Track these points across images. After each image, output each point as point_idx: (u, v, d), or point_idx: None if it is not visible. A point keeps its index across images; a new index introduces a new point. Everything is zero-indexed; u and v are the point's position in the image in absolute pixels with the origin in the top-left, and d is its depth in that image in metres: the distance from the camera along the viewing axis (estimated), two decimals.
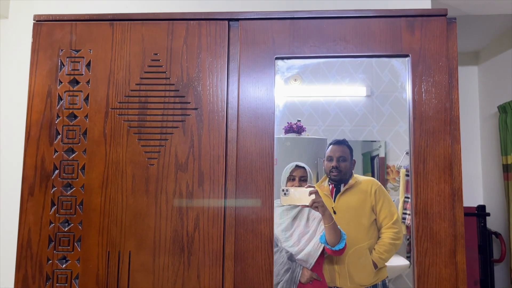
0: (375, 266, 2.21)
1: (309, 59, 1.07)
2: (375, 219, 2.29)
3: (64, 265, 1.02)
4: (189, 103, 1.05)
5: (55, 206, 1.04)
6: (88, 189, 1.04)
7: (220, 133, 1.04)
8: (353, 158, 2.58)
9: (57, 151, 1.05)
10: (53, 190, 1.04)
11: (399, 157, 3.97)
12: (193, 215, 1.01)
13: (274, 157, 1.03)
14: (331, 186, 2.50)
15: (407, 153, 3.88)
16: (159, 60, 1.07)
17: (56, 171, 1.05)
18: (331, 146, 2.56)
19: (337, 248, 2.11)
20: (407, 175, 3.71)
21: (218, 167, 1.03)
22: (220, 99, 1.05)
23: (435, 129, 1.00)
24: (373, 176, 2.77)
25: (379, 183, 2.44)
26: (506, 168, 3.49)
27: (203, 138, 1.04)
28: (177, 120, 1.04)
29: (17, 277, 1.02)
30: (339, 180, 2.43)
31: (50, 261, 1.02)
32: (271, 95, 1.05)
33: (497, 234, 3.52)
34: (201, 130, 1.04)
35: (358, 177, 2.50)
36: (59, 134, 1.06)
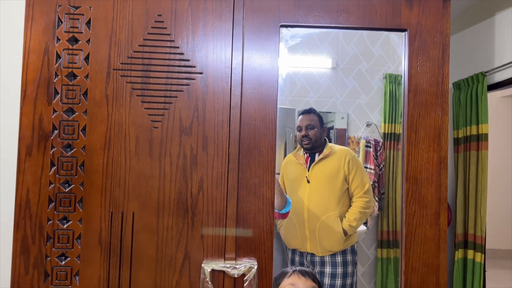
0: (345, 233, 2.34)
1: (313, 28, 1.10)
2: (347, 188, 2.42)
3: (65, 225, 1.02)
4: (194, 67, 1.05)
5: (55, 167, 1.02)
6: (89, 150, 1.03)
7: (224, 99, 1.05)
8: (324, 126, 2.66)
9: (56, 111, 1.03)
10: (52, 150, 1.02)
11: (359, 128, 4.16)
12: (197, 177, 1.04)
13: (277, 124, 1.06)
14: (306, 155, 2.58)
15: (367, 125, 4.05)
16: (163, 21, 1.05)
17: (56, 132, 1.02)
18: (300, 116, 2.62)
19: (283, 211, 2.21)
20: (367, 146, 3.89)
21: (222, 132, 1.05)
22: (224, 65, 1.06)
23: (428, 101, 1.07)
24: None
25: (353, 153, 2.54)
26: (456, 141, 3.73)
27: (208, 103, 1.05)
28: (182, 84, 1.05)
29: (16, 237, 1.01)
30: (311, 148, 2.51)
31: (50, 221, 1.01)
32: (275, 63, 1.07)
33: None
34: (206, 95, 1.05)
35: (334, 146, 2.58)
36: (58, 93, 1.03)
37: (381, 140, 3.51)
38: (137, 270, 1.01)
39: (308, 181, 2.44)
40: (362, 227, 3.18)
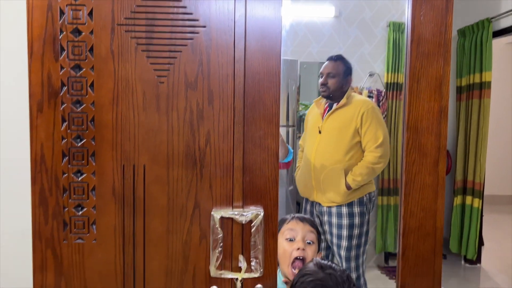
0: (348, 187, 2.34)
1: None
2: (360, 142, 2.38)
3: (79, 178, 1.07)
4: (197, 20, 1.05)
5: (66, 123, 1.05)
6: (98, 106, 1.05)
7: (228, 52, 1.06)
8: (349, 76, 2.54)
9: (63, 68, 1.04)
10: (62, 106, 1.05)
11: (362, 79, 4.12)
12: (204, 131, 1.07)
13: (280, 77, 1.08)
14: (326, 105, 2.53)
15: (370, 75, 4.00)
16: None
17: (64, 88, 1.05)
18: (326, 62, 2.53)
19: (285, 160, 2.24)
20: (369, 96, 3.85)
21: (227, 86, 1.07)
22: (227, 17, 1.06)
23: (430, 51, 1.08)
24: None
25: (372, 105, 2.45)
26: (459, 90, 3.73)
27: (212, 57, 1.06)
28: (186, 38, 1.05)
29: (34, 190, 1.06)
30: (329, 97, 2.45)
31: (65, 175, 1.06)
32: (278, 14, 1.07)
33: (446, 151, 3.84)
34: (210, 48, 1.06)
35: (353, 96, 2.48)
36: (64, 50, 1.04)
37: (384, 90, 3.51)
38: (150, 219, 1.07)
39: (320, 131, 2.43)
40: None
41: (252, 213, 1.06)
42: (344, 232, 2.33)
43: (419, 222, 1.10)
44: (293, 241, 1.35)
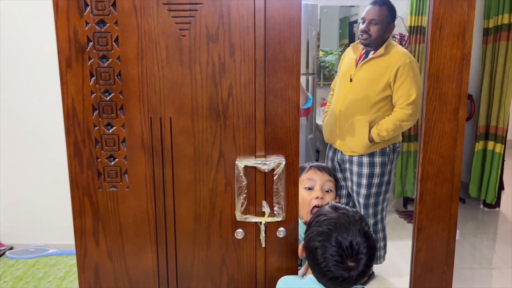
0: (371, 140, 2.28)
1: None
2: (391, 96, 2.26)
3: (110, 131, 1.12)
4: None
5: (94, 77, 1.10)
6: (124, 61, 1.09)
7: (248, 3, 1.06)
8: (393, 23, 2.31)
9: (88, 23, 1.07)
10: (90, 62, 1.09)
11: None
12: (227, 83, 1.10)
13: (301, 27, 1.08)
14: (363, 51, 2.37)
15: None
16: None
17: (90, 43, 1.08)
18: (368, 6, 2.32)
19: (304, 107, 2.19)
20: (392, 40, 3.64)
21: (248, 38, 1.08)
22: None
23: None
24: (350, 42, 2.63)
25: (410, 60, 2.25)
26: (486, 32, 3.58)
27: (232, 8, 1.06)
28: None
29: (68, 142, 1.13)
30: (369, 44, 2.29)
31: (96, 127, 1.12)
32: None
33: (469, 96, 3.78)
34: (230, 0, 1.06)
35: (392, 47, 2.30)
36: (88, 5, 1.06)
37: (407, 34, 3.40)
38: (178, 168, 1.13)
39: (351, 80, 2.35)
40: None
41: (274, 162, 1.11)
42: (364, 181, 2.34)
43: (437, 168, 1.13)
44: (312, 190, 1.40)
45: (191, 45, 1.08)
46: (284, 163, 1.11)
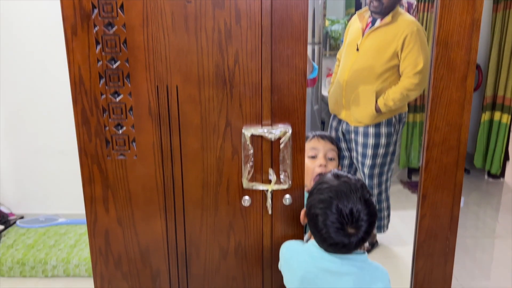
0: (378, 110, 2.25)
1: None
2: (398, 66, 2.22)
3: (117, 99, 1.13)
4: None
5: (100, 45, 1.09)
6: (129, 28, 1.08)
7: None
8: None
9: None
10: (95, 29, 1.08)
11: None
12: (233, 51, 1.09)
13: None
14: (369, 19, 2.31)
15: None
16: None
17: (95, 10, 1.07)
18: None
19: (310, 77, 2.17)
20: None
21: (254, 4, 1.06)
22: None
23: None
24: (357, 10, 2.54)
25: (417, 28, 2.20)
26: None
27: None
28: None
29: (76, 110, 1.14)
30: (379, 12, 2.22)
31: (103, 96, 1.12)
32: None
33: (477, 66, 3.72)
34: None
35: (400, 14, 2.24)
36: None
37: (415, 2, 3.33)
38: (186, 136, 1.14)
39: (358, 49, 2.30)
40: None
41: (280, 131, 1.11)
42: (369, 151, 2.33)
43: (443, 136, 1.13)
44: (315, 158, 1.41)
45: (197, 11, 1.07)
46: (290, 131, 1.12)
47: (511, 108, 3.40)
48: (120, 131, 1.15)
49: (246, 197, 1.17)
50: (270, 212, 1.18)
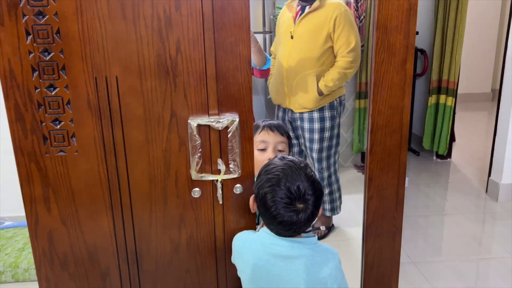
0: (320, 93, 2.35)
1: None
2: (332, 47, 2.32)
3: (53, 92, 1.07)
4: None
5: (31, 36, 1.03)
6: (62, 17, 1.02)
7: None
8: None
9: None
10: (24, 19, 1.01)
11: None
12: (174, 39, 1.06)
13: None
14: (298, 7, 2.40)
15: None
16: None
17: None
18: None
19: (264, 68, 2.23)
20: None
21: None
22: None
23: None
24: None
25: (345, 8, 2.33)
26: None
27: None
28: None
29: (8, 106, 1.07)
30: (307, 0, 2.29)
31: (38, 89, 1.06)
32: None
33: (422, 51, 3.86)
34: None
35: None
36: None
37: None
38: (129, 129, 1.10)
39: (292, 37, 2.36)
40: None
41: (228, 120, 1.10)
42: (316, 136, 2.42)
43: (386, 119, 1.16)
44: (265, 151, 1.41)
45: None
46: (238, 120, 1.10)
47: (455, 91, 3.56)
48: (58, 126, 1.09)
49: (196, 189, 1.15)
50: (221, 202, 1.17)
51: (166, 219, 1.18)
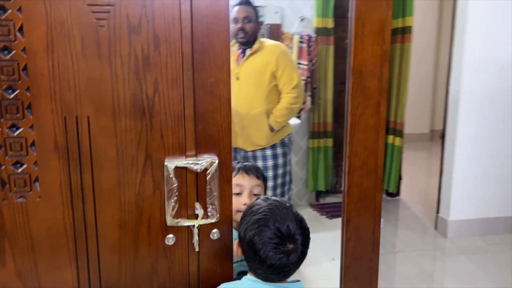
0: (271, 129, 2.46)
1: None
2: (276, 85, 2.49)
3: (16, 133, 0.98)
4: None
5: None
6: (31, 53, 0.95)
7: None
8: (259, 20, 2.60)
9: None
10: None
11: (294, 24, 4.12)
12: (152, 79, 1.02)
13: (229, 21, 1.04)
14: (239, 51, 2.55)
15: (301, 19, 4.00)
16: None
17: None
18: (235, 7, 2.50)
19: None
20: (300, 42, 3.89)
21: (174, 30, 1.01)
22: None
23: None
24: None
25: (284, 48, 2.54)
26: None
27: None
28: None
29: None
30: (246, 42, 2.47)
31: None
32: None
33: None
34: None
35: (265, 41, 2.55)
36: None
37: (314, 35, 3.55)
38: (99, 172, 1.03)
39: (238, 78, 2.43)
40: (296, 120, 3.36)
41: (206, 161, 1.06)
42: (270, 173, 2.48)
43: (362, 161, 1.18)
44: (240, 195, 1.38)
45: (110, 36, 0.98)
46: (217, 161, 1.07)
47: (402, 132, 3.75)
48: (20, 170, 0.99)
49: (170, 235, 1.09)
50: (197, 249, 1.10)
51: (137, 269, 1.09)
